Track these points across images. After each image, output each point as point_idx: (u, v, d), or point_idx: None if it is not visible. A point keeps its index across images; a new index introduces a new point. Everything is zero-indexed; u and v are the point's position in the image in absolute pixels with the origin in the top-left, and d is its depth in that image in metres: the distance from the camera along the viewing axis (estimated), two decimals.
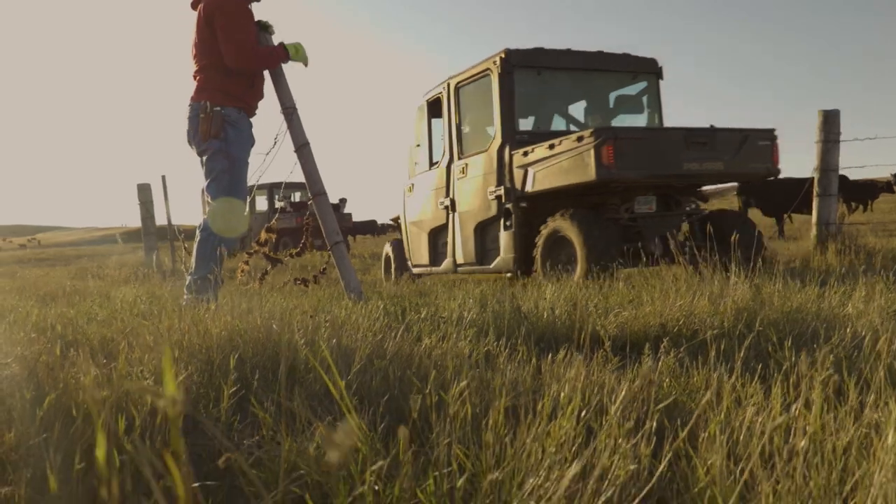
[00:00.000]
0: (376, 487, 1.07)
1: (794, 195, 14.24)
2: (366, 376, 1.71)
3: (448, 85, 6.68)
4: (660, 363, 1.72)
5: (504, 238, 5.92)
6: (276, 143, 3.97)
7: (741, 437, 1.16)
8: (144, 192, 9.75)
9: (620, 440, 1.02)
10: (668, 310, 2.47)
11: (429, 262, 6.98)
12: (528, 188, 5.64)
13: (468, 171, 6.37)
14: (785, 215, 14.90)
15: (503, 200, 5.90)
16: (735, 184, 17.27)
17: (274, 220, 4.71)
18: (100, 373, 1.58)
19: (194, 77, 3.84)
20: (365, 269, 9.81)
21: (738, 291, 2.52)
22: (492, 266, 6.11)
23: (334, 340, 1.97)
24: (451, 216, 6.58)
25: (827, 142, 6.18)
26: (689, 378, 1.69)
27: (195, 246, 3.85)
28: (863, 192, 23.72)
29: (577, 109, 6.95)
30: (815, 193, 6.24)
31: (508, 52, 6.01)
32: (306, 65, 3.90)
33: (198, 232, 3.85)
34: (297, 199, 18.87)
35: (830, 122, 6.18)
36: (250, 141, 3.83)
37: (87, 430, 1.16)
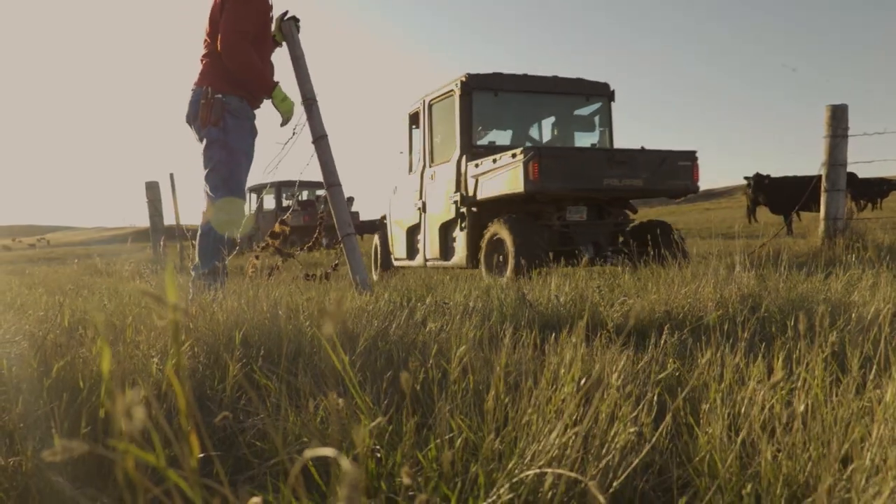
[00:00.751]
0: (378, 455, 1.08)
1: (801, 193, 14.21)
2: (370, 357, 1.72)
3: (423, 101, 7.55)
4: (663, 343, 1.72)
5: (460, 238, 6.77)
6: (294, 134, 3.93)
7: (742, 410, 1.16)
8: (153, 189, 9.81)
9: (621, 404, 1.03)
10: (674, 297, 2.47)
11: (406, 257, 7.87)
12: (478, 195, 6.47)
13: (436, 177, 7.23)
14: (793, 213, 14.84)
15: (459, 205, 6.73)
16: (743, 182, 17.33)
17: (288, 214, 4.73)
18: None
19: (200, 60, 3.74)
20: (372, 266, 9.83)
21: (744, 279, 2.52)
22: (451, 262, 6.93)
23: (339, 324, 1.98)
24: (422, 216, 7.47)
25: (835, 136, 6.16)
26: (693, 359, 1.69)
27: (198, 240, 3.79)
28: (872, 190, 23.59)
29: (537, 127, 7.74)
30: (822, 188, 6.22)
31: (469, 76, 6.87)
32: (282, 123, 3.81)
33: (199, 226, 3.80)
34: (305, 198, 18.92)
35: (838, 117, 6.15)
36: (252, 132, 3.71)
37: (93, 399, 1.18)
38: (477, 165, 6.46)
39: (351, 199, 17.96)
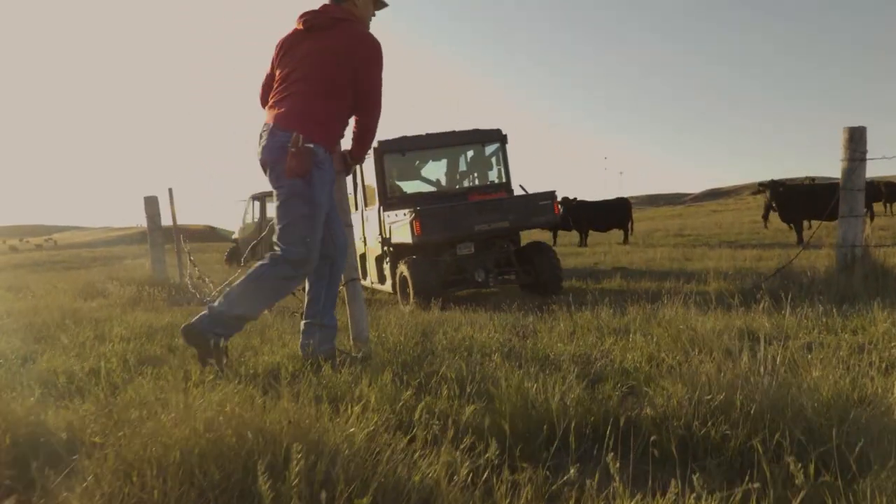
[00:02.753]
0: None
1: (812, 202, 14.00)
2: None
3: None
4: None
5: (386, 270, 8.54)
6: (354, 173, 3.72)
7: None
8: (151, 205, 9.64)
9: None
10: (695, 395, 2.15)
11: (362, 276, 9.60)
12: (392, 240, 8.16)
13: (369, 219, 8.94)
14: (803, 222, 14.59)
15: (383, 245, 8.44)
16: (750, 182, 17.26)
17: None
18: None
19: (280, 97, 3.39)
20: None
21: (754, 380, 2.12)
22: (385, 287, 8.65)
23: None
24: (366, 248, 9.23)
25: (853, 160, 5.92)
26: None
27: (247, 280, 3.26)
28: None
29: (445, 172, 9.42)
30: (839, 214, 5.98)
31: (380, 142, 8.42)
32: (347, 173, 3.82)
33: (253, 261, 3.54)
34: None
35: (856, 140, 5.91)
36: (333, 183, 3.46)
37: None
38: (389, 216, 8.23)
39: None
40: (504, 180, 8.87)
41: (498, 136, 8.95)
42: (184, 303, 7.53)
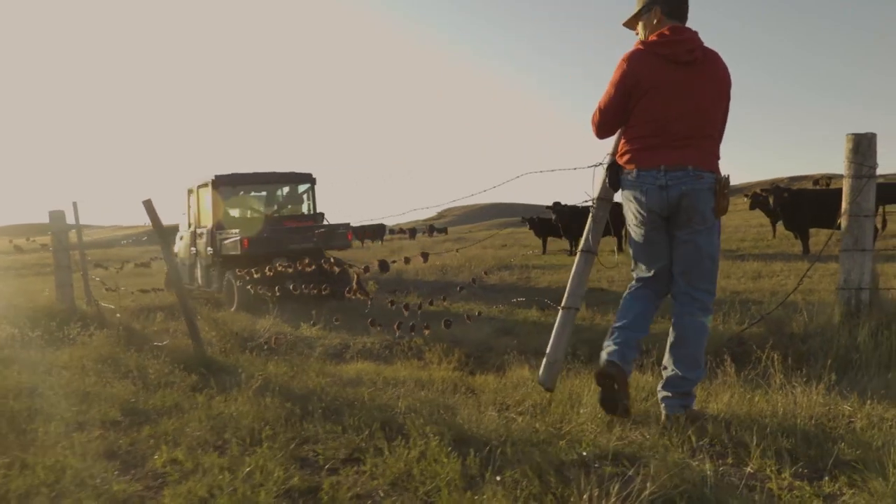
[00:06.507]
0: None
1: (815, 211, 12.63)
2: None
3: (195, 186, 12.25)
4: None
5: (216, 276, 11.29)
6: None
7: None
8: (58, 220, 8.47)
9: None
10: None
11: (187, 282, 12.21)
12: (222, 253, 10.92)
13: (202, 235, 11.75)
14: (808, 231, 13.21)
15: (213, 256, 11.27)
16: (752, 181, 15.88)
17: None
18: None
19: (687, 136, 3.29)
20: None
21: None
22: (212, 290, 11.50)
23: None
24: (196, 258, 12.00)
25: (859, 177, 4.60)
26: None
27: (694, 338, 3.23)
28: None
29: (268, 203, 12.36)
30: (841, 246, 4.67)
31: (216, 176, 11.26)
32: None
33: (698, 316, 3.26)
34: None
35: (863, 151, 4.58)
36: None
37: None
38: (221, 234, 10.90)
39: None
40: (312, 212, 12.04)
41: (309, 179, 12.05)
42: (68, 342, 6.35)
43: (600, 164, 3.68)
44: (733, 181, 4.04)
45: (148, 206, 5.43)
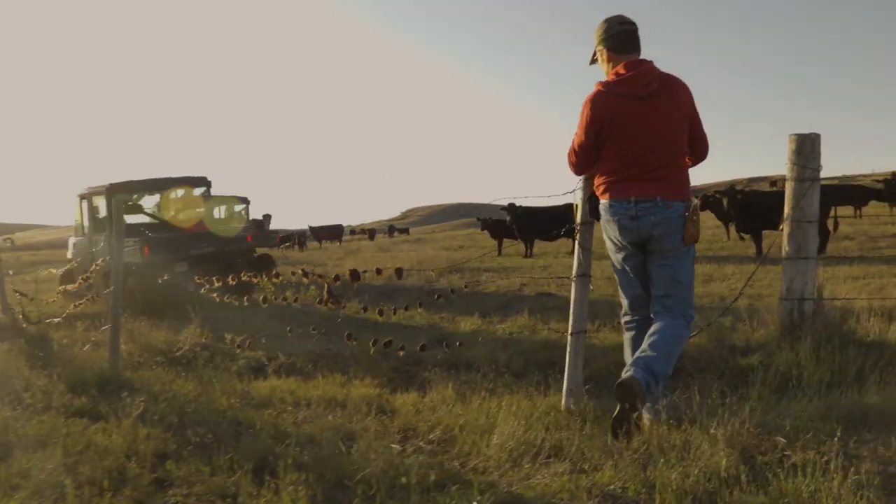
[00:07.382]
0: None
1: (774, 211, 12.50)
2: None
3: (89, 191, 11.51)
4: None
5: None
6: None
7: None
8: None
9: None
10: None
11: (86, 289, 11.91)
12: (125, 260, 10.15)
13: (99, 242, 10.98)
14: (760, 234, 13.11)
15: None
16: (726, 181, 15.62)
17: None
18: None
19: (655, 168, 3.38)
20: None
21: None
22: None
23: None
24: (93, 263, 11.03)
25: (801, 180, 4.32)
26: None
27: (668, 340, 3.26)
28: (851, 198, 22.06)
29: (166, 206, 11.98)
30: (783, 253, 4.38)
31: (110, 185, 10.82)
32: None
33: (668, 324, 3.33)
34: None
35: (806, 153, 4.31)
36: None
37: None
38: (119, 241, 11.43)
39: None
40: (212, 214, 11.99)
41: (205, 182, 11.65)
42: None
43: (573, 190, 3.90)
44: (692, 182, 3.84)
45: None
